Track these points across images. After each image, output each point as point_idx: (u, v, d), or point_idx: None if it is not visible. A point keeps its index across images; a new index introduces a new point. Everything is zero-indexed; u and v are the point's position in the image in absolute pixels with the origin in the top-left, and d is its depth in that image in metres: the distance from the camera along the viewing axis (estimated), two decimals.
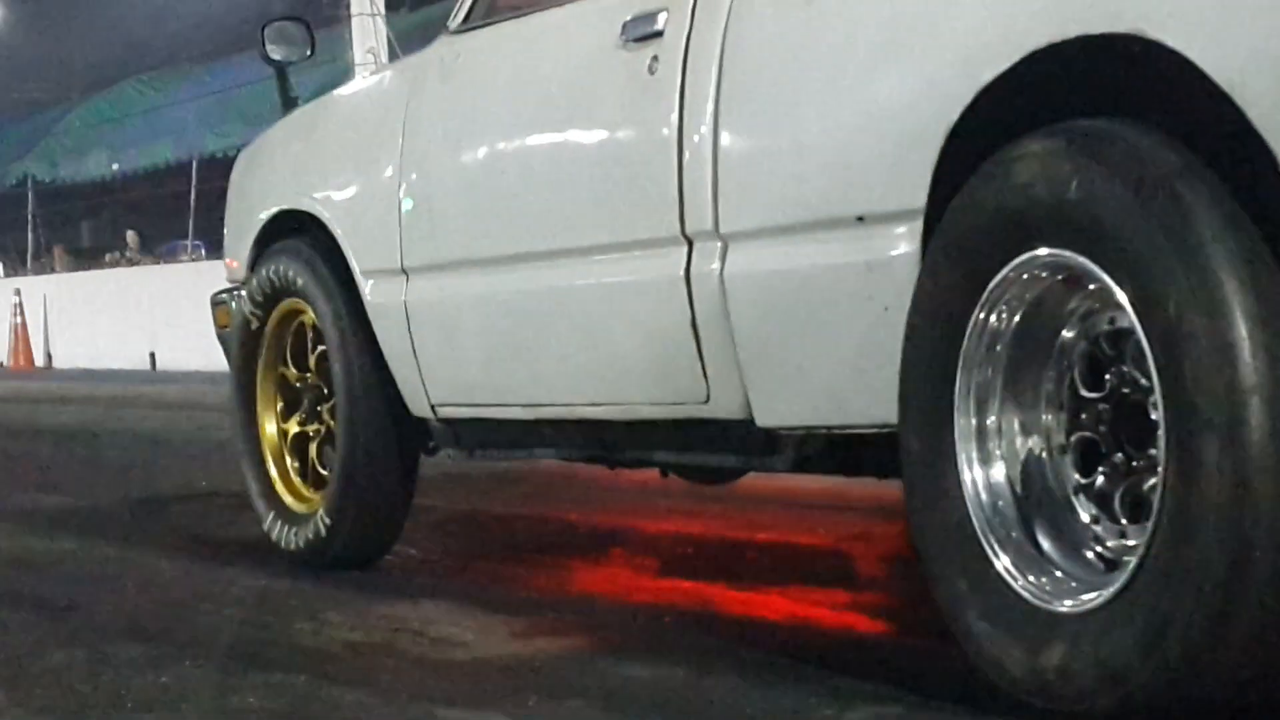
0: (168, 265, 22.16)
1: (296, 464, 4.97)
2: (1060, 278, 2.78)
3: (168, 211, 26.65)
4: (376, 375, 4.57)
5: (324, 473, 4.82)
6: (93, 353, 19.67)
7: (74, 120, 28.90)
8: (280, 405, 5.01)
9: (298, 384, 4.97)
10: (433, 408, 4.44)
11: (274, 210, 5.00)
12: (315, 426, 4.91)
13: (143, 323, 19.00)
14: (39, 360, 20.51)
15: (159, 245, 27.60)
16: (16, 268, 26.81)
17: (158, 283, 19.69)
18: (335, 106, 5.24)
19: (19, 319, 20.65)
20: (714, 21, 3.43)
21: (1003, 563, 2.85)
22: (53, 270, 25.20)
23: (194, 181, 23.19)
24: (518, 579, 4.68)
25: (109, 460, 9.20)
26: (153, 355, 18.63)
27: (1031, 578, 2.81)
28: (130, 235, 26.28)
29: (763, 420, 3.41)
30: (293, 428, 4.98)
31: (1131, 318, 2.60)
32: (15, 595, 4.68)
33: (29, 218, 27.08)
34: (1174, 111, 2.59)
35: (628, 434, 3.93)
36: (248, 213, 5.18)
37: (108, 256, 26.28)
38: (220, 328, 5.33)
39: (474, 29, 4.34)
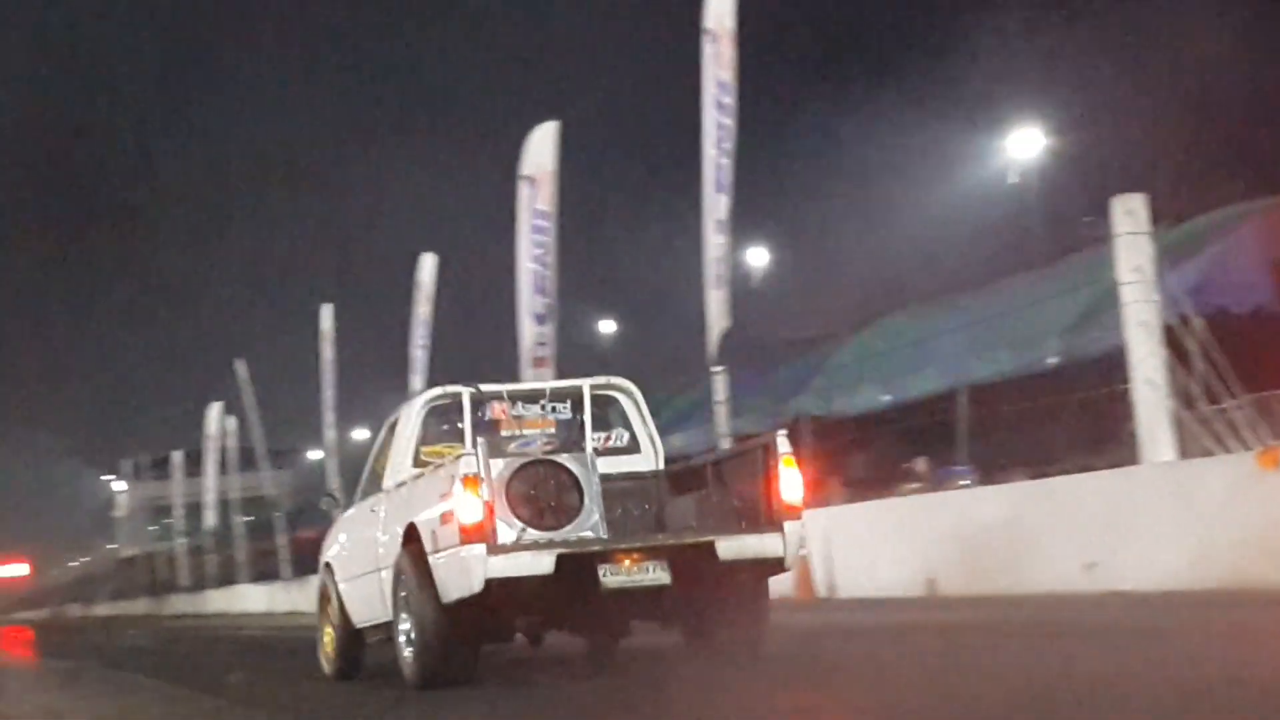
0: (942, 493, 22.36)
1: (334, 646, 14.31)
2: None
3: (936, 439, 27.02)
4: (339, 611, 14.07)
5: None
6: (874, 581, 20.02)
7: (844, 355, 29.86)
8: (329, 623, 14.35)
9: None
10: (355, 624, 13.68)
11: (322, 560, 14.88)
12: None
13: (921, 549, 19.25)
14: (821, 590, 21.01)
15: (932, 473, 27.99)
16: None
17: (933, 510, 19.94)
18: (343, 519, 14.62)
19: (803, 551, 21.25)
20: (390, 501, 12.98)
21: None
22: (829, 503, 25.87)
23: (962, 409, 23.49)
24: None
25: (893, 693, 9.29)
26: (931, 581, 18.82)
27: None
28: (920, 461, 26.83)
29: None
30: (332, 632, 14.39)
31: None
32: None
33: (804, 452, 28.00)
34: None
35: (385, 628, 12.58)
36: (320, 555, 15.25)
37: (905, 485, 26.60)
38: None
39: (358, 502, 14.09)
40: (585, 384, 12.91)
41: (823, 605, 20.23)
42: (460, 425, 12.71)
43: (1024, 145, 42.38)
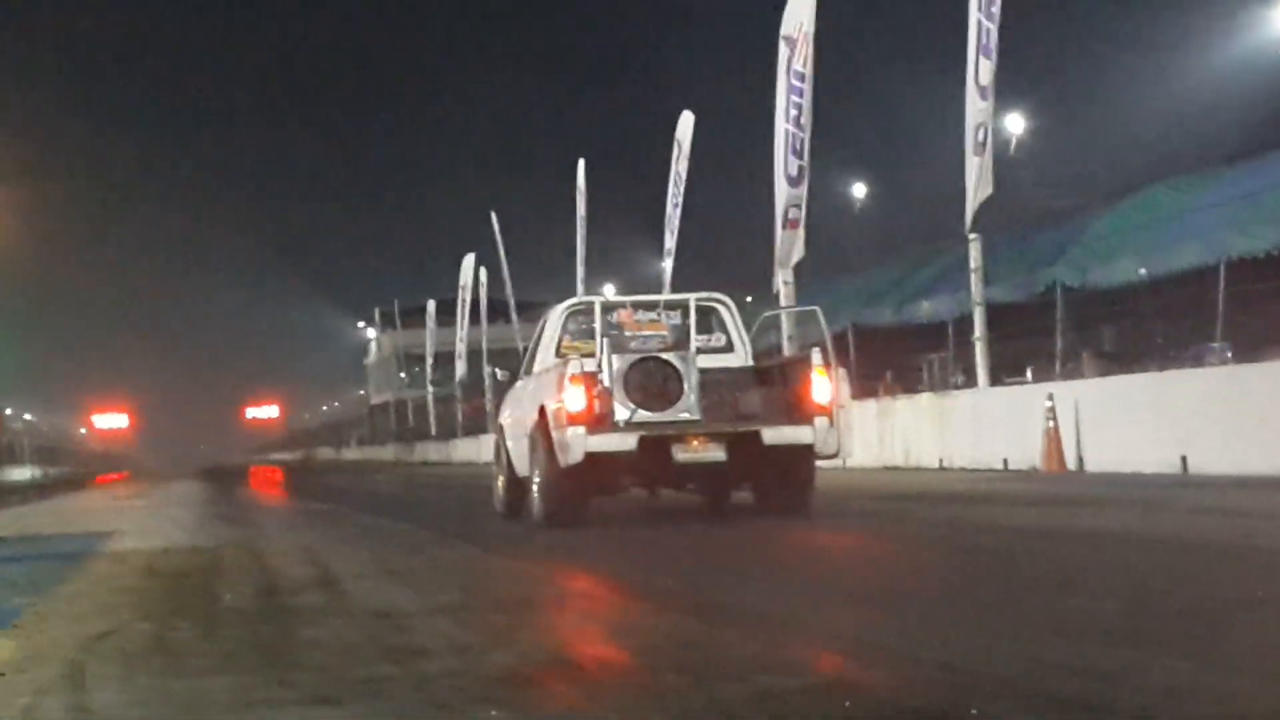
0: (1197, 370, 21.94)
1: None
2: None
3: (1193, 315, 26.50)
4: (506, 463, 17.03)
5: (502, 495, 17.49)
6: (1123, 456, 19.77)
7: (1102, 226, 29.29)
8: (501, 472, 17.42)
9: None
10: (518, 474, 16.35)
11: (498, 421, 18.28)
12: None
13: (1173, 426, 18.95)
14: (1070, 464, 20.80)
15: (1186, 349, 27.49)
16: (1047, 372, 27.38)
17: (1188, 386, 19.58)
18: (511, 391, 17.64)
19: (1051, 423, 21.06)
20: (536, 383, 16.07)
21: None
22: (1081, 375, 25.55)
23: (1221, 284, 22.98)
24: None
25: (1143, 568, 9.19)
26: (1184, 459, 18.54)
27: None
28: None
29: None
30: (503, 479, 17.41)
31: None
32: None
33: (1057, 323, 27.64)
34: None
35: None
36: (498, 413, 18.69)
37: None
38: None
39: (522, 377, 17.16)
40: (691, 297, 16.44)
41: (1071, 478, 20.04)
42: (594, 326, 16.19)
43: None
